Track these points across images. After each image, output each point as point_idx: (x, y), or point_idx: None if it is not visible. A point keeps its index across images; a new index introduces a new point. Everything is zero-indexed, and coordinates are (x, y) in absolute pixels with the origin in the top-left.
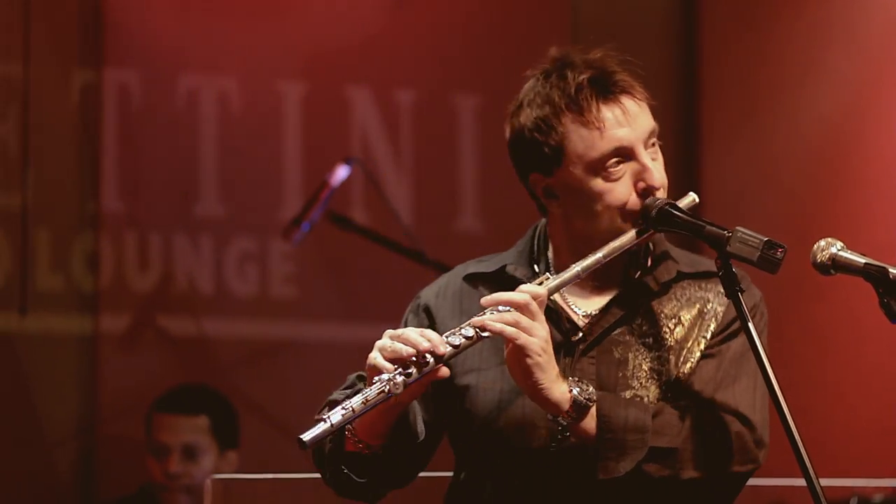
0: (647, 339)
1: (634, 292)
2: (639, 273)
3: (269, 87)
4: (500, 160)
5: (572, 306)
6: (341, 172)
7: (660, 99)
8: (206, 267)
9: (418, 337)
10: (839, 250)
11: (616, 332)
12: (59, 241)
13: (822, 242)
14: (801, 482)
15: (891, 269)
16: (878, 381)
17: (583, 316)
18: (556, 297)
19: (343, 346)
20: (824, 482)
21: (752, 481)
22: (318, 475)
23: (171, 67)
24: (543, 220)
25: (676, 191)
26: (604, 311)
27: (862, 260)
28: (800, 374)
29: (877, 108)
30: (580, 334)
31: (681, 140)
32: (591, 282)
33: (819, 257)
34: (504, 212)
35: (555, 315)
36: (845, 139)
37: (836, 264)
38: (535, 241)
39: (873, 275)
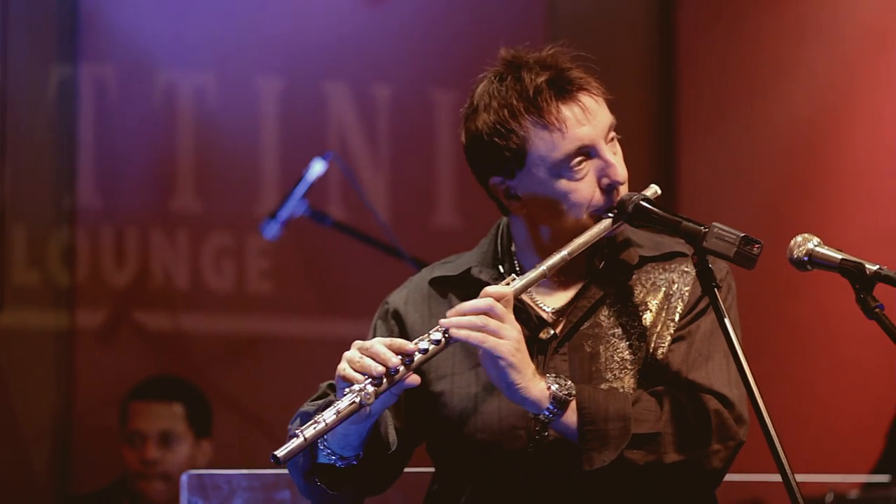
0: (616, 330)
1: (600, 283)
2: (602, 263)
3: (246, 83)
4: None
5: (539, 304)
6: (318, 168)
7: (636, 95)
8: (182, 262)
9: (387, 351)
10: (816, 246)
11: (585, 325)
12: (36, 237)
13: (799, 238)
14: (777, 478)
15: (867, 265)
16: (854, 377)
17: (551, 312)
18: (523, 295)
19: (319, 341)
20: (800, 478)
21: (728, 477)
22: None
23: (147, 63)
24: (505, 219)
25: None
26: (571, 305)
27: (838, 256)
28: (776, 369)
29: (851, 105)
30: (550, 332)
31: (657, 136)
32: (557, 276)
33: (796, 253)
34: (481, 207)
35: (523, 314)
36: (820, 136)
37: (812, 260)
38: (499, 241)
39: (850, 271)
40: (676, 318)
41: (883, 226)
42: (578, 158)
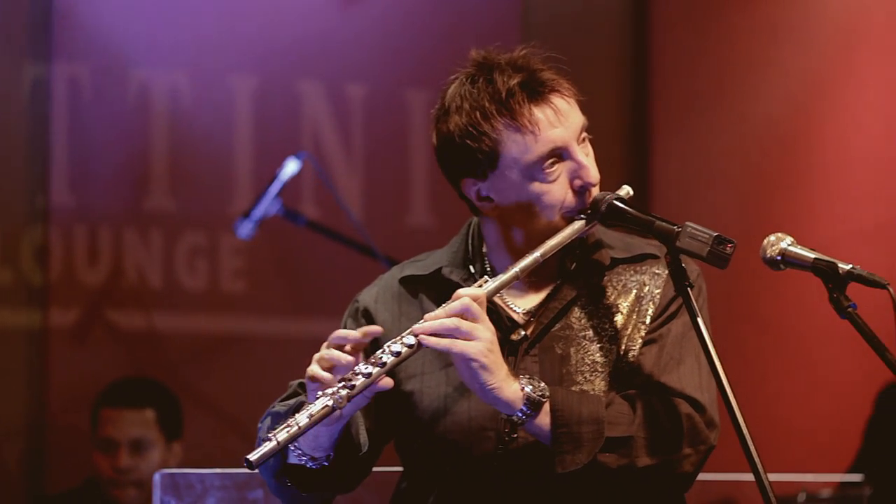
0: (587, 332)
1: (571, 285)
2: (574, 264)
3: (220, 82)
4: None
5: (511, 305)
6: (292, 167)
7: (610, 93)
8: (155, 261)
9: (348, 331)
10: (789, 245)
11: (556, 327)
12: (9, 235)
13: (772, 237)
14: (750, 477)
15: (840, 265)
16: (828, 376)
17: (523, 314)
18: (495, 296)
19: (293, 340)
20: (772, 477)
21: (700, 476)
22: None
23: (121, 62)
24: (475, 219)
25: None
26: (542, 306)
27: (812, 255)
28: (748, 369)
29: (823, 103)
30: (521, 333)
31: (630, 135)
32: (528, 277)
33: (769, 252)
34: (454, 207)
35: (495, 315)
36: (792, 135)
37: (785, 259)
38: (470, 241)
39: (823, 270)
40: (647, 320)
41: (856, 225)
42: (551, 160)
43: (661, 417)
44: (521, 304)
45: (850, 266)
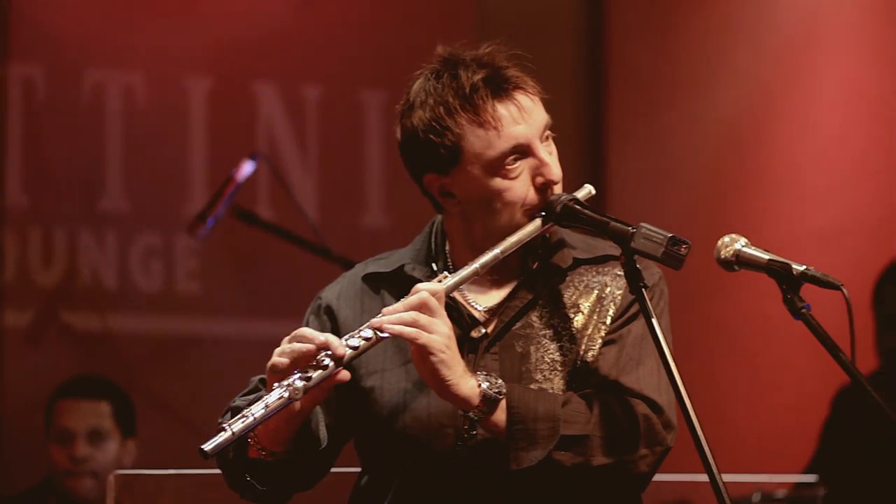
0: (547, 331)
1: (532, 283)
2: (536, 263)
3: (175, 82)
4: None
5: (472, 302)
6: (247, 168)
7: (566, 94)
8: (110, 262)
9: (314, 332)
10: (743, 246)
11: (517, 326)
12: None
13: (726, 238)
14: (704, 478)
15: (794, 266)
16: (782, 377)
17: (483, 311)
18: (455, 293)
19: (248, 341)
20: (727, 478)
21: (655, 476)
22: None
23: (76, 62)
24: (439, 217)
25: (583, 184)
26: (503, 304)
27: (766, 256)
28: (704, 370)
29: (779, 106)
30: (482, 331)
31: (586, 135)
32: (490, 275)
33: (723, 253)
34: (410, 208)
35: (455, 312)
36: (749, 136)
37: (739, 260)
38: (433, 239)
39: (777, 271)
40: (608, 321)
41: (810, 226)
42: (513, 157)
43: (618, 417)
44: (482, 302)
45: (804, 267)
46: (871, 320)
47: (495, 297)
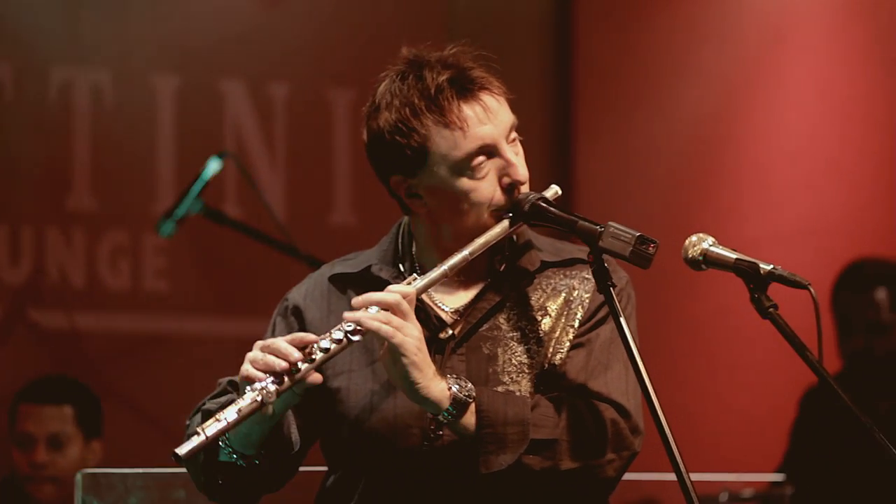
0: (514, 333)
1: (500, 286)
2: (504, 265)
3: (143, 81)
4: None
5: (439, 303)
6: (214, 166)
7: (533, 94)
8: (78, 260)
9: (289, 347)
10: (711, 246)
11: (484, 327)
12: None
13: (694, 238)
14: (672, 477)
15: (762, 265)
16: (750, 376)
17: (451, 312)
18: (423, 294)
19: (215, 340)
20: (695, 477)
21: (623, 476)
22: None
23: (43, 60)
24: (406, 218)
25: (550, 185)
26: (471, 306)
27: (733, 255)
28: (671, 369)
29: (746, 106)
30: (449, 332)
31: (554, 135)
32: (457, 277)
33: (690, 252)
34: (377, 207)
35: (423, 313)
36: (716, 136)
37: (707, 260)
38: (399, 240)
39: (744, 270)
40: (576, 324)
41: (778, 224)
42: (479, 158)
43: (586, 422)
44: (449, 303)
45: (772, 266)
46: None
47: (462, 298)
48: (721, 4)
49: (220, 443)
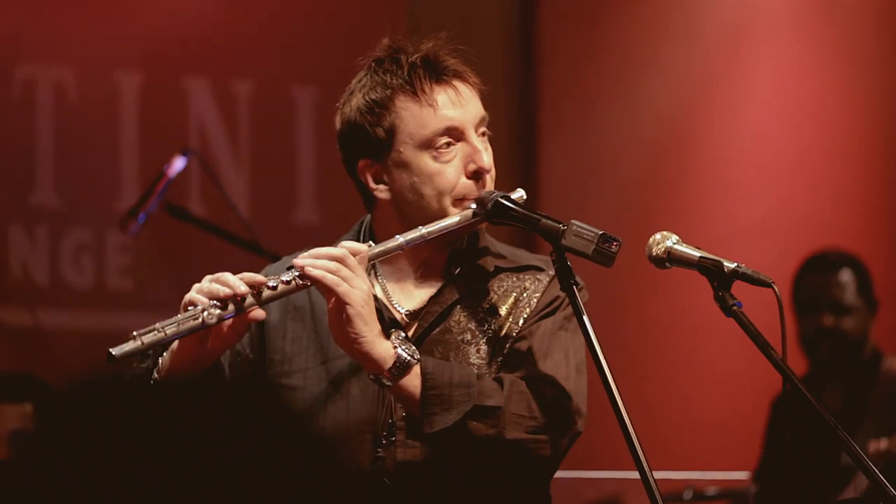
0: (465, 335)
1: (454, 289)
2: (459, 269)
3: (106, 78)
4: (339, 152)
5: (396, 305)
6: (178, 164)
7: (497, 91)
8: (41, 257)
9: (238, 280)
10: (674, 244)
11: (436, 330)
12: None
13: (658, 236)
14: (636, 475)
15: (725, 263)
16: (714, 375)
17: (405, 314)
18: (379, 293)
19: None
20: (658, 475)
21: (586, 474)
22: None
23: (6, 56)
24: (368, 217)
25: (515, 183)
26: (424, 309)
27: (697, 253)
28: (635, 367)
29: (712, 104)
30: (402, 334)
31: (517, 132)
32: (414, 278)
33: (654, 251)
34: (341, 204)
35: (378, 315)
36: (681, 134)
37: (671, 258)
38: (361, 238)
39: (708, 268)
40: (521, 322)
41: (742, 223)
42: (446, 139)
43: (528, 397)
44: (405, 305)
45: (736, 264)
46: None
47: (418, 299)
48: (684, 4)
49: (153, 378)
